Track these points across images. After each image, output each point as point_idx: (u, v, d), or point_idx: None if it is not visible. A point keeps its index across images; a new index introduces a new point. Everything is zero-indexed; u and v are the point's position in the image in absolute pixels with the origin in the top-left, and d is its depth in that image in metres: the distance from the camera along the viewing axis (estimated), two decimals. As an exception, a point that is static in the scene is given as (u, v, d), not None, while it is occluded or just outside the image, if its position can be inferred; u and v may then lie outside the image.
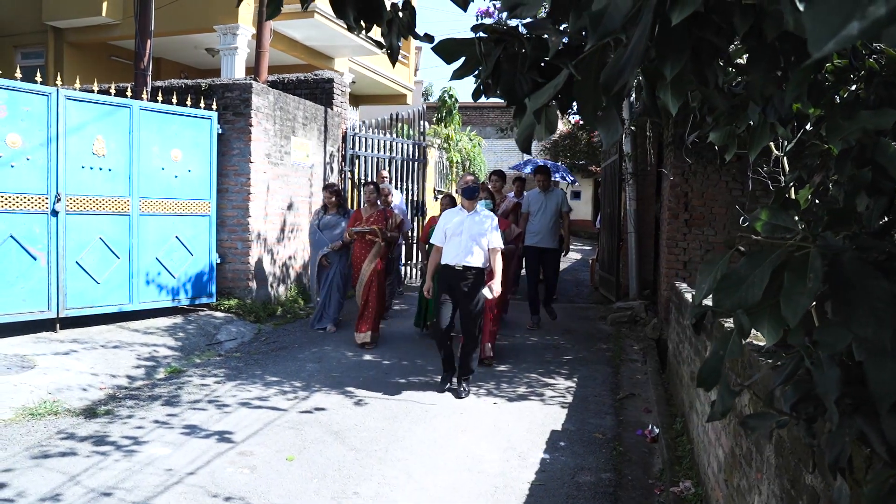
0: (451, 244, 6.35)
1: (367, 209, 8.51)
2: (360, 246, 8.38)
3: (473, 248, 6.29)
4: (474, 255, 6.29)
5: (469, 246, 6.28)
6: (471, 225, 6.33)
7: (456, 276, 6.31)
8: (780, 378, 1.46)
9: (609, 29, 1.04)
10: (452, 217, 6.46)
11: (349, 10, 1.66)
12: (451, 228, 6.37)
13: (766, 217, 1.38)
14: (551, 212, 9.40)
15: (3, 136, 6.91)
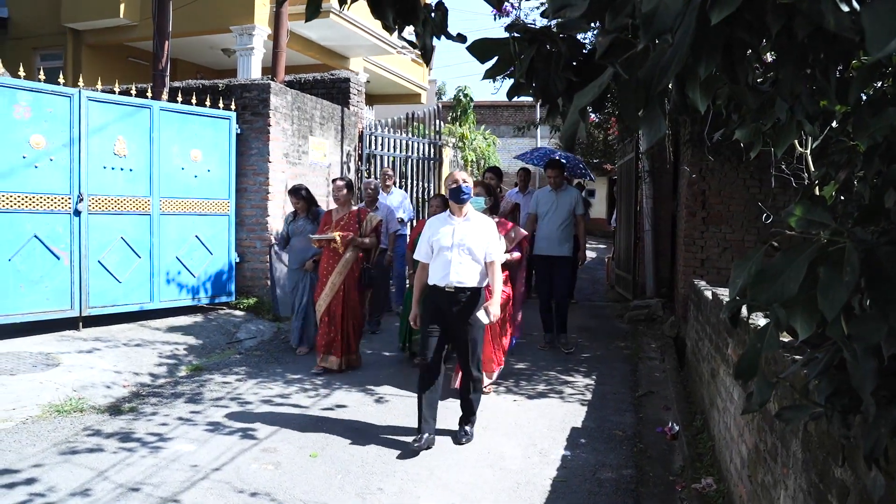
0: (438, 260, 5.09)
1: (337, 211, 7.19)
2: (326, 256, 7.06)
3: (467, 264, 5.04)
4: (468, 271, 5.05)
5: (461, 261, 5.02)
6: (463, 234, 5.06)
7: (446, 300, 5.06)
8: (815, 371, 1.48)
9: (660, 29, 1.06)
10: (439, 226, 5.17)
11: (388, 11, 1.69)
12: (438, 240, 5.09)
13: (801, 212, 1.40)
14: (564, 214, 8.12)
15: (27, 137, 7.01)
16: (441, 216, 5.28)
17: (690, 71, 1.43)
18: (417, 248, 5.31)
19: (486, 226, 5.21)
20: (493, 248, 5.17)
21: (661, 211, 10.45)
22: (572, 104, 1.32)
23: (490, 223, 5.27)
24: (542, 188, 8.63)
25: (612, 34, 1.33)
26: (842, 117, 2.38)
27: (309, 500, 4.12)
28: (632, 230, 11.30)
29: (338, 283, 6.91)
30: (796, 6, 1.42)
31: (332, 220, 7.11)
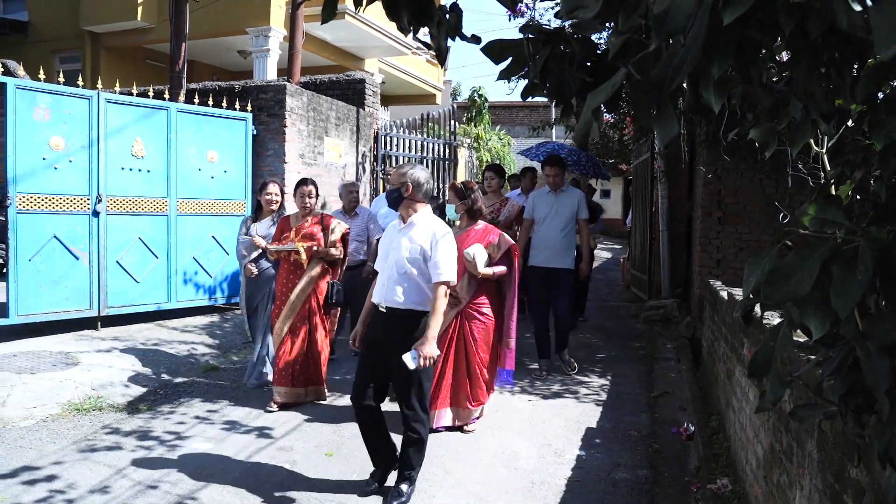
0: (381, 274, 4.31)
1: (297, 217, 6.06)
2: (284, 271, 5.98)
3: (402, 280, 4.12)
4: (403, 290, 4.11)
5: (394, 276, 4.13)
6: (399, 244, 4.16)
7: (380, 323, 4.23)
8: (829, 370, 1.48)
9: (673, 29, 1.07)
10: (389, 233, 4.40)
11: (403, 13, 1.71)
12: (382, 250, 4.37)
13: (814, 211, 1.40)
14: (564, 219, 6.99)
15: (46, 138, 7.10)
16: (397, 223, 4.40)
17: (704, 71, 1.43)
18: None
19: (434, 236, 4.09)
20: (441, 265, 4.05)
21: (676, 211, 10.41)
22: (585, 104, 1.33)
23: (441, 232, 4.11)
24: (539, 189, 7.47)
25: (625, 35, 1.34)
26: (857, 116, 2.38)
27: (324, 498, 4.14)
28: (647, 230, 11.26)
29: (300, 302, 5.84)
30: (809, 5, 1.42)
31: (290, 226, 5.99)
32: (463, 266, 4.91)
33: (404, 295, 4.10)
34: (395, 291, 4.10)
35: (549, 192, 7.09)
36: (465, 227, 5.38)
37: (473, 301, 5.24)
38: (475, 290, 5.24)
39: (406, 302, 4.10)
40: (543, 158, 12.08)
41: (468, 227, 5.36)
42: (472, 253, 5.08)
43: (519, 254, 5.41)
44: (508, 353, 5.38)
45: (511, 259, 5.29)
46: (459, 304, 5.18)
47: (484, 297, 5.28)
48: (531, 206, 7.16)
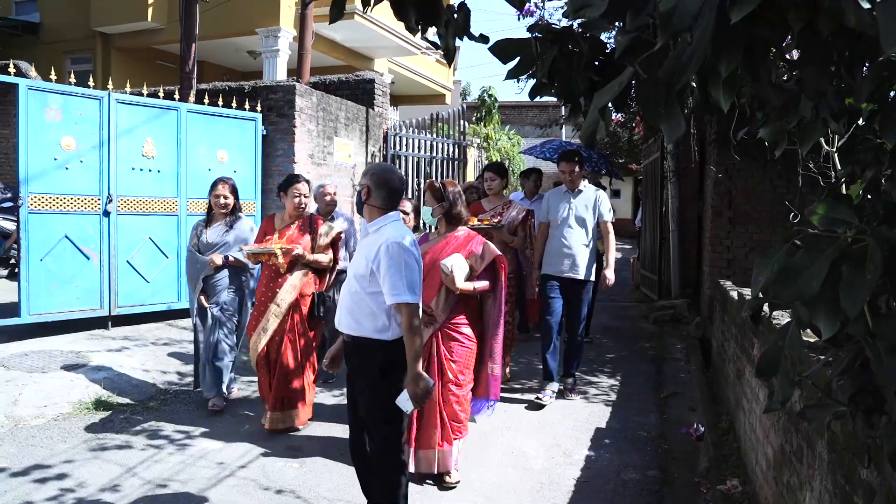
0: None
1: (282, 218, 5.45)
2: (264, 277, 5.37)
3: (352, 302, 3.42)
4: (354, 313, 3.41)
5: (346, 298, 3.47)
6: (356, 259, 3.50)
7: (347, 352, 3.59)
8: (838, 370, 1.48)
9: (679, 27, 1.07)
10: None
11: (411, 13, 1.71)
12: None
13: (823, 210, 1.39)
14: (583, 221, 6.17)
15: (58, 139, 7.14)
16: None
17: (712, 69, 1.43)
18: None
19: (381, 247, 3.29)
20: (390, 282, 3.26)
21: (686, 211, 10.38)
22: (592, 103, 1.33)
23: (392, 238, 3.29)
24: (554, 189, 6.58)
25: (632, 33, 1.34)
26: (868, 115, 2.36)
27: (333, 497, 4.15)
28: (657, 230, 11.23)
29: (280, 313, 5.21)
30: (818, 3, 1.41)
31: (273, 228, 5.40)
32: (439, 279, 4.36)
33: (357, 320, 3.37)
34: (348, 316, 3.40)
35: (564, 192, 6.27)
36: (443, 233, 4.57)
37: (451, 320, 4.42)
38: (453, 308, 4.43)
39: (360, 328, 3.37)
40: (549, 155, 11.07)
41: (447, 234, 4.54)
42: (449, 265, 4.30)
43: (506, 266, 4.63)
44: (493, 380, 4.61)
45: (496, 272, 4.55)
46: (435, 323, 4.38)
47: (464, 316, 4.47)
48: (545, 208, 6.34)
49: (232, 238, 5.69)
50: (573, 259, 6.13)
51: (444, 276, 4.34)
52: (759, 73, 1.59)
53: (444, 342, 4.41)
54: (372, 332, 3.36)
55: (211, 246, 5.66)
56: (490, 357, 4.60)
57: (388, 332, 3.36)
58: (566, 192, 6.28)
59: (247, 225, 5.85)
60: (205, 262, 5.60)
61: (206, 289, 5.67)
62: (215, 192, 5.70)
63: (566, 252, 6.14)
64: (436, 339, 4.38)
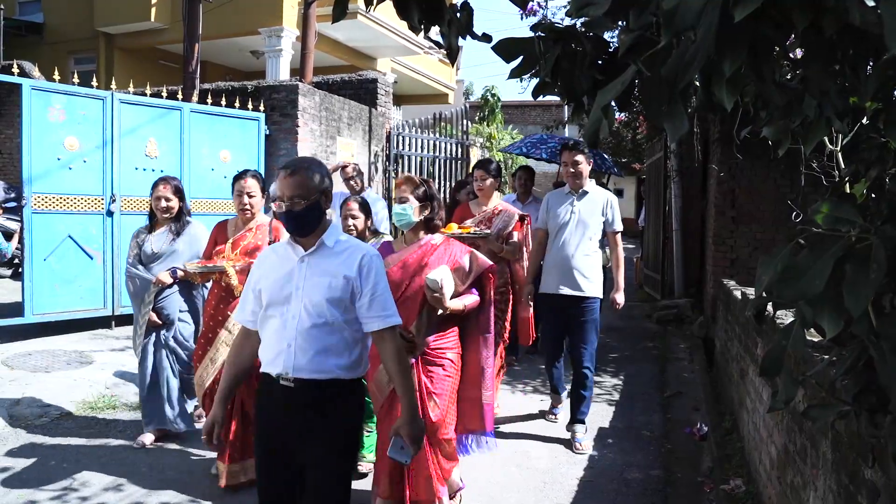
0: (268, 325, 2.72)
1: (236, 224, 4.47)
2: (214, 296, 4.43)
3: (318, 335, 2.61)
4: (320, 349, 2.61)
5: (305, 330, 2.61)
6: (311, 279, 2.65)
7: (277, 407, 2.68)
8: (842, 369, 1.47)
9: (682, 26, 1.07)
10: (278, 263, 2.76)
11: (414, 12, 1.71)
12: (272, 287, 2.71)
13: (827, 209, 1.39)
14: (588, 229, 5.16)
15: (61, 139, 7.16)
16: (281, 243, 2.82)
17: (716, 68, 1.43)
18: (240, 301, 2.88)
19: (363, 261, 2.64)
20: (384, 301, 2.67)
21: (690, 210, 10.37)
22: (595, 102, 1.33)
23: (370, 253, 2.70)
24: (554, 190, 5.75)
25: (635, 32, 1.33)
26: (872, 114, 2.36)
27: None
28: (660, 230, 11.23)
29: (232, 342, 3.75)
30: (823, 2, 1.41)
31: (226, 236, 4.45)
32: (420, 297, 3.52)
33: (325, 360, 2.57)
34: (308, 353, 2.55)
35: (566, 193, 5.26)
36: (415, 240, 3.67)
37: (433, 345, 3.64)
38: (436, 329, 3.65)
39: (328, 370, 2.58)
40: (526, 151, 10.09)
41: (422, 242, 3.65)
42: (438, 280, 3.43)
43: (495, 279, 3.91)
44: (487, 409, 3.88)
45: (483, 285, 3.81)
46: (414, 348, 3.53)
47: (448, 338, 3.69)
48: (544, 212, 5.34)
49: (182, 246, 4.75)
50: (576, 274, 5.09)
51: (429, 293, 3.45)
52: (763, 72, 1.58)
53: (424, 370, 3.60)
54: (345, 372, 2.63)
55: (156, 257, 4.69)
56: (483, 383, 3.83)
57: (359, 368, 2.71)
58: (568, 192, 5.23)
59: (199, 231, 4.85)
60: (148, 280, 4.65)
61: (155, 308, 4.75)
62: (156, 192, 4.74)
63: (568, 266, 5.10)
64: (415, 366, 3.55)
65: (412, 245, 3.65)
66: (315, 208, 2.61)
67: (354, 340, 2.68)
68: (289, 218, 2.61)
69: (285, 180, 2.58)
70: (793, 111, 2.22)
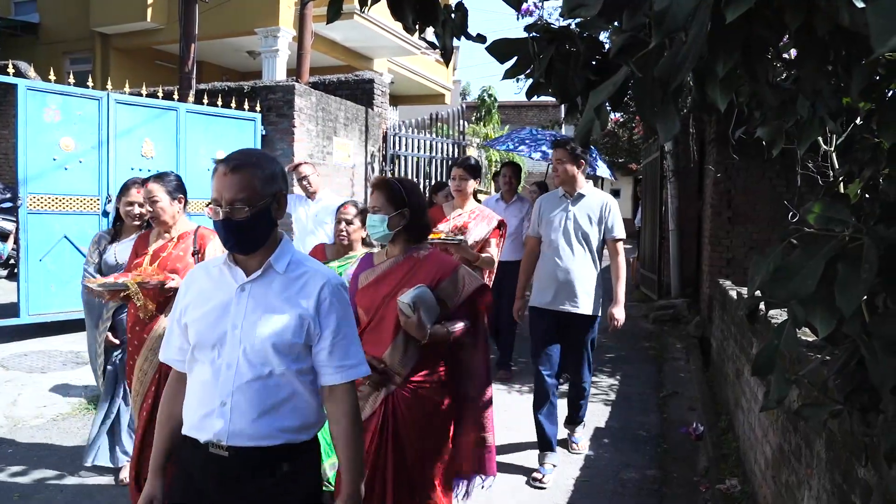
0: (197, 375, 2.09)
1: (159, 233, 3.82)
2: (132, 317, 3.70)
3: (262, 390, 2.00)
4: (264, 408, 2.00)
5: (244, 384, 2.00)
6: (252, 317, 2.03)
7: (205, 478, 2.04)
8: (834, 368, 1.48)
9: (672, 27, 1.07)
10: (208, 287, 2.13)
11: (408, 13, 1.72)
12: (201, 328, 2.07)
13: (819, 209, 1.40)
14: (585, 237, 4.64)
15: (57, 139, 7.15)
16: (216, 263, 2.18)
17: (709, 69, 1.43)
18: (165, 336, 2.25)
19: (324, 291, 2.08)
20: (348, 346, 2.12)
21: (686, 210, 10.39)
22: (587, 102, 1.33)
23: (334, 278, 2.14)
24: (547, 193, 5.10)
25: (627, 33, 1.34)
26: (866, 114, 2.37)
27: (332, 497, 4.15)
28: (657, 230, 11.24)
29: (151, 371, 3.57)
30: (814, 2, 1.41)
31: (146, 248, 3.77)
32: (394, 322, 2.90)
33: (272, 420, 1.99)
34: (248, 415, 1.97)
35: (561, 196, 4.72)
36: (398, 255, 3.04)
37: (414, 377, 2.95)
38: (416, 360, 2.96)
39: (276, 433, 2.00)
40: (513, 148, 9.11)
41: (405, 256, 3.03)
42: (411, 302, 2.81)
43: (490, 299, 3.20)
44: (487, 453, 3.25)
45: (476, 309, 3.11)
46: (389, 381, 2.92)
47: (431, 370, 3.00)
48: (536, 218, 4.81)
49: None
50: (572, 288, 4.58)
51: (403, 318, 2.83)
52: (757, 73, 1.59)
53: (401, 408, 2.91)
54: (298, 434, 2.05)
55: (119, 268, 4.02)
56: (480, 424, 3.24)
57: (318, 425, 2.13)
58: (563, 196, 4.70)
59: None
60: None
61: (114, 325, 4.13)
62: (127, 197, 4.16)
63: (563, 278, 4.59)
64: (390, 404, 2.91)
65: (394, 259, 3.03)
66: (262, 218, 1.99)
67: (311, 394, 2.08)
68: (227, 229, 1.97)
69: (224, 178, 1.97)
70: (787, 111, 2.23)
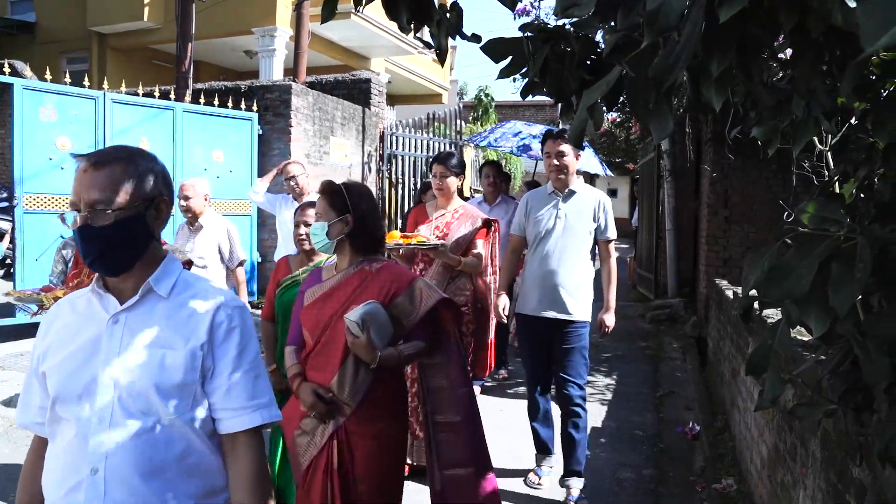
0: (58, 436, 1.64)
1: None
2: None
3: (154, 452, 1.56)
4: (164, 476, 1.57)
5: (116, 437, 1.54)
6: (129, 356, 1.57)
7: None
8: (828, 368, 1.48)
9: (665, 26, 1.07)
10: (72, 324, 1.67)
11: (402, 13, 1.72)
12: (59, 369, 1.61)
13: (813, 209, 1.40)
14: (576, 237, 4.20)
15: (53, 139, 7.14)
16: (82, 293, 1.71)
17: (704, 68, 1.43)
18: (22, 394, 1.77)
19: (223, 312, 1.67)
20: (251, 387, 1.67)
21: (683, 210, 10.40)
22: (581, 102, 1.33)
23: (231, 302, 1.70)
24: (534, 190, 4.64)
25: (620, 33, 1.34)
26: (861, 114, 2.37)
27: None
28: (654, 229, 11.26)
29: None
30: (808, 2, 1.42)
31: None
32: (343, 345, 2.54)
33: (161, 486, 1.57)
34: (129, 481, 1.54)
35: (550, 193, 4.29)
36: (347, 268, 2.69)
37: (364, 408, 2.56)
38: (368, 387, 2.57)
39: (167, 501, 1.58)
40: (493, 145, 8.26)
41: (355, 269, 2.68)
42: (359, 319, 2.44)
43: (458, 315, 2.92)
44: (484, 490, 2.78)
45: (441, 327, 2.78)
46: (337, 412, 2.54)
47: (385, 399, 2.64)
48: (521, 216, 4.39)
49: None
50: (562, 293, 4.15)
51: (351, 338, 2.47)
52: (752, 72, 1.59)
53: (348, 447, 2.54)
54: (200, 501, 1.63)
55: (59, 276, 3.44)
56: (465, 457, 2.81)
57: (223, 492, 1.68)
58: (552, 193, 4.28)
59: None
60: None
61: None
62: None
63: (551, 283, 4.16)
64: (336, 443, 2.54)
65: (343, 274, 2.67)
66: (133, 226, 1.61)
67: (212, 450, 1.65)
68: (86, 238, 1.58)
69: (85, 175, 1.61)
70: (782, 111, 2.24)
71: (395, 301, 2.61)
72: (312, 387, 2.26)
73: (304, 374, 2.64)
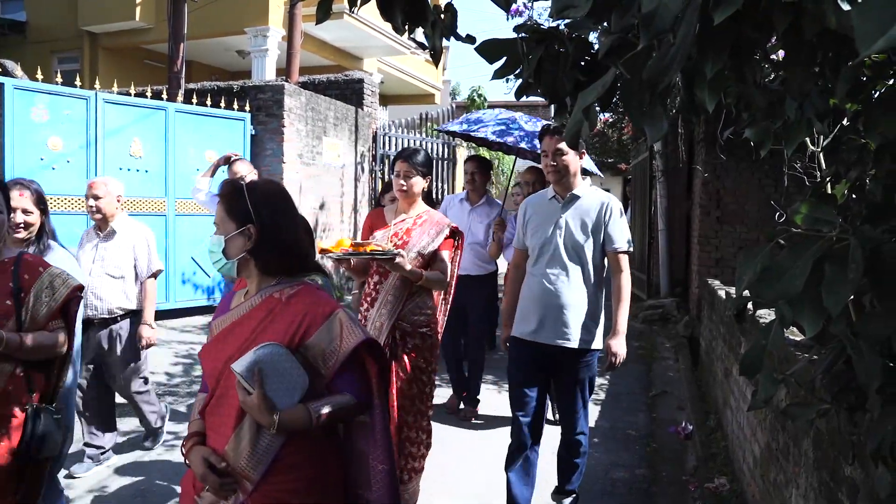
0: None
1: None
2: None
3: None
4: None
5: None
6: None
7: None
8: (821, 368, 1.49)
9: (660, 29, 1.08)
10: None
11: (397, 13, 1.72)
12: None
13: (806, 210, 1.41)
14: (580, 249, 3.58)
15: (44, 139, 7.11)
16: None
17: (697, 70, 1.44)
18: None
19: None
20: None
21: (675, 210, 10.42)
22: (576, 103, 1.34)
23: None
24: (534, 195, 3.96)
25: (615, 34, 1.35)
26: (852, 115, 2.38)
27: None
28: (646, 230, 11.28)
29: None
30: (802, 5, 1.42)
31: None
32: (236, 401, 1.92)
33: None
34: None
35: (550, 198, 3.69)
36: (257, 293, 2.07)
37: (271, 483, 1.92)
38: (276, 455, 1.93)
39: None
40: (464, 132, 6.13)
41: (263, 296, 2.05)
42: (244, 371, 1.85)
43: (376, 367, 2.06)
44: None
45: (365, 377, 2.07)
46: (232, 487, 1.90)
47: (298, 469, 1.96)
48: (521, 226, 3.80)
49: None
50: (561, 315, 3.56)
51: (242, 394, 1.88)
52: (745, 74, 1.60)
53: None
54: None
55: None
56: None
57: None
58: (553, 198, 3.68)
59: (63, 259, 3.36)
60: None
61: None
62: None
63: (550, 303, 3.57)
64: None
65: (249, 301, 2.06)
66: None
67: None
68: None
69: None
70: (774, 112, 2.24)
71: (310, 341, 1.94)
72: (204, 453, 1.78)
73: (205, 434, 2.02)
